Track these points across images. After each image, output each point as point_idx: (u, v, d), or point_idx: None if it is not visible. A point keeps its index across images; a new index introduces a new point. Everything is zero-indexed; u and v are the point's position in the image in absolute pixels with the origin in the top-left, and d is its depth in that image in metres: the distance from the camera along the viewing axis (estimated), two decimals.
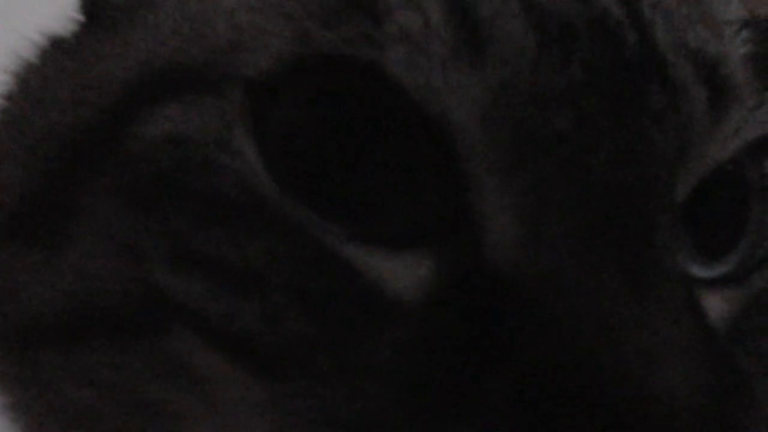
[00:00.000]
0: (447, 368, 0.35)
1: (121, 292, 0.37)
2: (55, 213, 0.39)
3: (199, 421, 0.37)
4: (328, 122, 0.37)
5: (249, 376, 0.35)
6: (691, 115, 0.37)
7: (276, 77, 0.37)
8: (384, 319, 0.35)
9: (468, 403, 0.34)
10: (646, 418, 0.32)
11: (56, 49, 0.44)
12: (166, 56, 0.38)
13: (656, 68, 0.37)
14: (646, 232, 0.35)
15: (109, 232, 0.37)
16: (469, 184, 0.36)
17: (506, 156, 0.36)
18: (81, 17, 0.45)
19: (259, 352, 0.35)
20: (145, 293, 0.36)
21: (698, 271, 0.40)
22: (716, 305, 0.40)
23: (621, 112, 0.36)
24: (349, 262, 0.36)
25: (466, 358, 0.35)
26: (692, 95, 0.38)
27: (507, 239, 0.36)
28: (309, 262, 0.35)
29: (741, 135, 0.39)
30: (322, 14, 0.36)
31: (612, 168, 0.36)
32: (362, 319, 0.35)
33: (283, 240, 0.36)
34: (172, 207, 0.36)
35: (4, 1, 0.74)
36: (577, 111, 0.36)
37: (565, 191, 0.35)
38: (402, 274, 0.36)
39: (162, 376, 0.37)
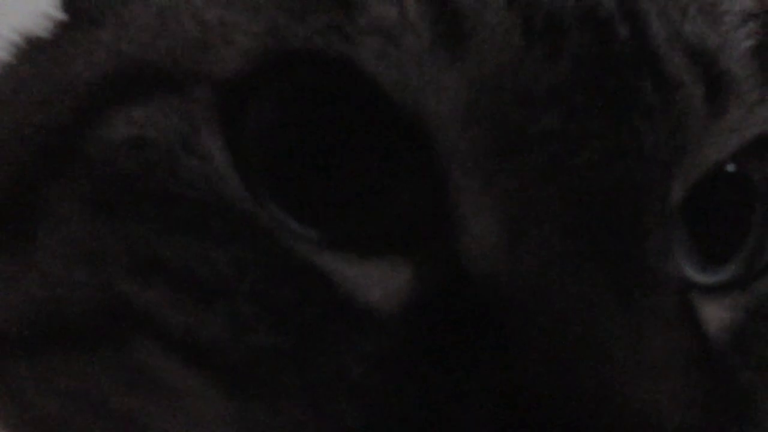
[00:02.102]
0: (422, 385, 0.33)
1: (85, 301, 0.36)
2: (20, 217, 0.37)
3: None
4: (300, 122, 0.35)
5: (214, 390, 0.34)
6: (686, 112, 0.35)
7: (246, 75, 0.35)
8: (357, 331, 0.34)
9: (443, 422, 0.32)
10: None
11: (32, 49, 0.42)
12: (133, 55, 0.37)
13: (649, 63, 0.35)
14: (635, 236, 0.34)
15: (73, 238, 0.36)
16: (448, 186, 0.34)
17: (488, 156, 0.34)
18: (62, 16, 0.44)
19: (224, 366, 0.34)
20: (109, 302, 0.35)
21: (698, 276, 0.38)
22: (718, 313, 0.38)
23: (610, 110, 0.35)
24: (322, 271, 0.34)
25: (443, 374, 0.33)
26: (687, 91, 0.36)
27: (488, 245, 0.34)
28: (278, 271, 0.34)
29: (741, 132, 0.37)
30: (293, 6, 0.35)
31: (600, 169, 0.34)
32: (333, 332, 0.34)
33: (252, 247, 0.34)
34: (134, 212, 0.35)
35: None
36: (564, 109, 0.34)
37: (549, 193, 0.34)
38: (377, 283, 0.34)
39: (129, 388, 0.36)
